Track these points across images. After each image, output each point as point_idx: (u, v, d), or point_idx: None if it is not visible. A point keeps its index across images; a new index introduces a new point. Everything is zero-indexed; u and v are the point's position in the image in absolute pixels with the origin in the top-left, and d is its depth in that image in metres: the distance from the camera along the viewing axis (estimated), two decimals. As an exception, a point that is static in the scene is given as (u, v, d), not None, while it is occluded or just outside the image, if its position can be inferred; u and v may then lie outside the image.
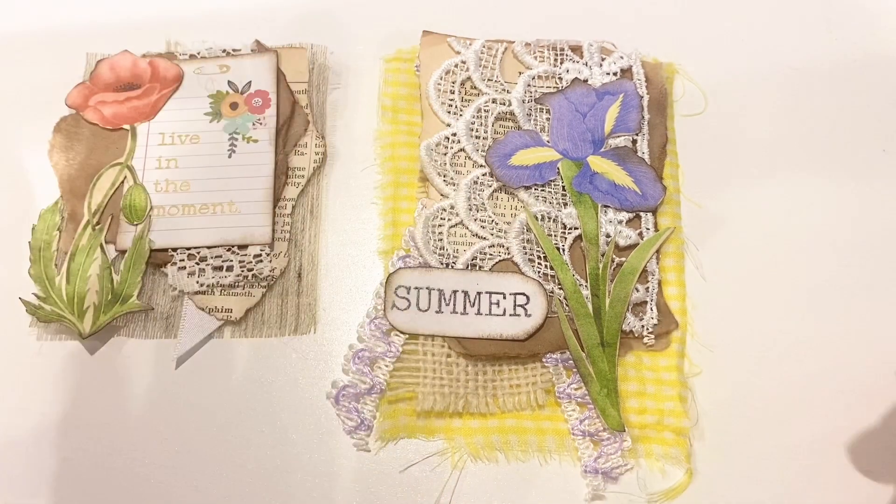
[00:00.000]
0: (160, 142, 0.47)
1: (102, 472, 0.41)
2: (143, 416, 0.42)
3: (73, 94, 0.49)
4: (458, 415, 0.42)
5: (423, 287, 0.43)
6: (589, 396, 0.42)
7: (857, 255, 0.46)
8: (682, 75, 0.51)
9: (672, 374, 0.43)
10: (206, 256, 0.45)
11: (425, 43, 0.49)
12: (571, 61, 0.49)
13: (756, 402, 0.43)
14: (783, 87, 0.51)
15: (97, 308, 0.43)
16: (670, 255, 0.46)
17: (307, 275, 0.46)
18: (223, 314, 0.44)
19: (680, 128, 0.50)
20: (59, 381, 0.43)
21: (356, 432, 0.42)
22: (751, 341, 0.44)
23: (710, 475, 0.41)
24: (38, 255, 0.45)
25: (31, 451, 0.41)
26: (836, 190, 0.48)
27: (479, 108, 0.47)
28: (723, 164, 0.49)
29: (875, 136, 0.50)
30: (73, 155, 0.47)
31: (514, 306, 0.42)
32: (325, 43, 0.51)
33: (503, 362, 0.43)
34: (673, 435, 0.42)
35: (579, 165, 0.46)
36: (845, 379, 0.43)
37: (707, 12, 0.54)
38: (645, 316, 0.44)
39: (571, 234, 0.45)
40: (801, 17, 0.54)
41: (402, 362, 0.43)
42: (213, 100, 0.48)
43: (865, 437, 0.42)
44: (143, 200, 0.46)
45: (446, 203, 0.45)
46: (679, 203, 0.48)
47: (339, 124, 0.50)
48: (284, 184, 0.47)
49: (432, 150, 0.46)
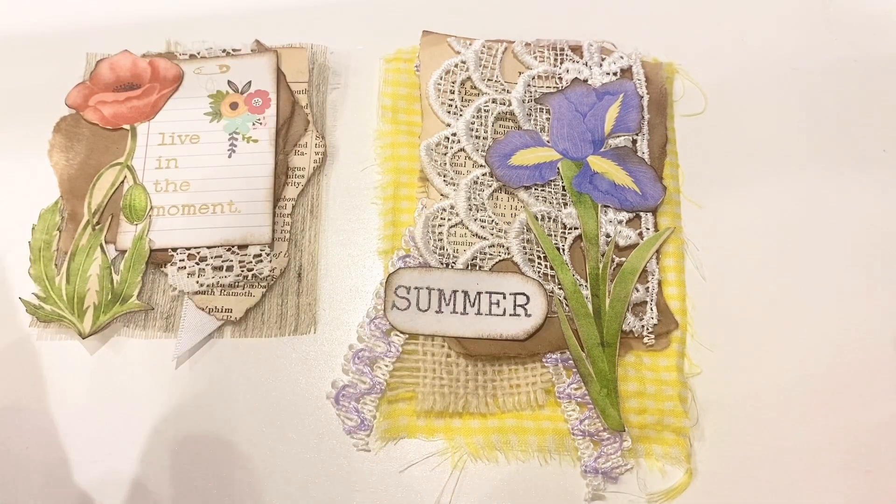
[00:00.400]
0: (160, 142, 0.47)
1: (102, 472, 0.41)
2: (143, 416, 0.42)
3: (73, 94, 0.49)
4: (458, 415, 0.42)
5: (422, 287, 0.43)
6: (589, 396, 0.41)
7: (858, 255, 0.46)
8: (682, 75, 0.51)
9: (672, 374, 0.43)
10: (206, 256, 0.45)
11: (425, 43, 0.49)
12: (571, 61, 0.49)
13: (756, 402, 0.43)
14: (783, 87, 0.51)
15: (97, 308, 0.43)
16: (670, 255, 0.46)
17: (307, 275, 0.46)
18: (223, 314, 0.44)
19: (680, 128, 0.50)
20: (60, 381, 0.43)
21: (356, 432, 0.42)
22: (751, 341, 0.44)
23: (710, 475, 0.41)
24: (38, 255, 0.45)
25: (31, 451, 0.41)
26: (836, 190, 0.48)
27: (479, 108, 0.47)
28: (723, 164, 0.49)
29: (875, 136, 0.50)
30: (73, 155, 0.47)
31: (514, 306, 0.42)
32: (325, 43, 0.51)
33: (503, 362, 0.43)
34: (673, 435, 0.42)
35: (579, 165, 0.46)
36: (845, 379, 0.43)
37: (707, 12, 0.54)
38: (645, 316, 0.44)
39: (571, 234, 0.45)
40: (801, 17, 0.54)
41: (402, 362, 0.43)
42: (213, 100, 0.48)
43: (865, 437, 0.42)
44: (143, 200, 0.46)
45: (446, 203, 0.45)
46: (679, 203, 0.48)
47: (339, 124, 0.50)
48: (284, 184, 0.47)
49: (432, 150, 0.46)
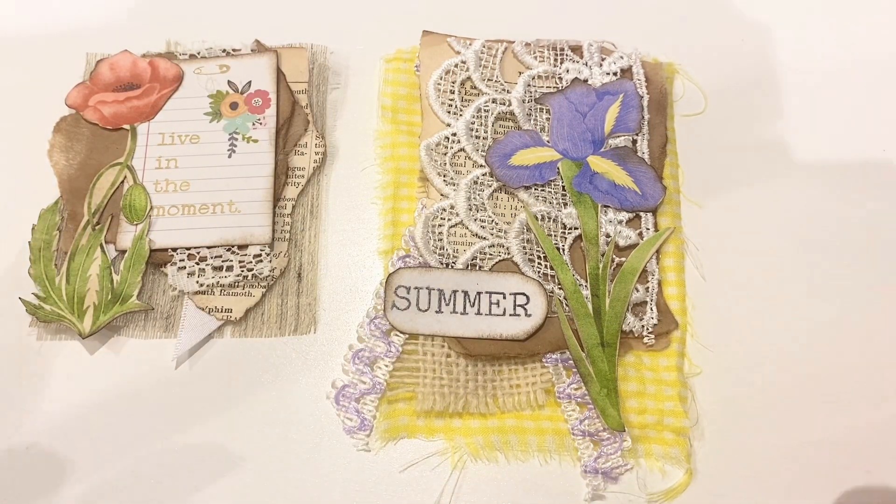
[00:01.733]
0: (160, 142, 0.47)
1: (103, 473, 0.41)
2: (144, 416, 0.42)
3: (73, 94, 0.49)
4: (458, 415, 0.42)
5: (422, 287, 0.43)
6: (589, 396, 0.41)
7: (858, 255, 0.46)
8: (682, 75, 0.51)
9: (672, 374, 0.43)
10: (206, 256, 0.45)
11: (425, 43, 0.49)
12: (571, 61, 0.49)
13: (756, 402, 0.43)
14: (783, 87, 0.51)
15: (97, 308, 0.43)
16: (670, 255, 0.46)
17: (307, 275, 0.46)
18: (223, 314, 0.44)
19: (680, 128, 0.50)
20: (59, 381, 0.43)
21: (356, 432, 0.42)
22: (751, 341, 0.44)
23: (710, 475, 0.41)
24: (38, 255, 0.45)
25: (31, 452, 0.41)
26: (836, 190, 0.48)
27: (479, 108, 0.47)
28: (723, 164, 0.49)
29: (875, 136, 0.50)
30: (73, 155, 0.47)
31: (514, 306, 0.42)
32: (325, 43, 0.51)
33: (503, 362, 0.43)
34: (673, 435, 0.42)
35: (579, 165, 0.46)
36: (845, 379, 0.43)
37: (707, 12, 0.54)
38: (645, 316, 0.44)
39: (571, 234, 0.45)
40: (801, 18, 0.54)
41: (402, 362, 0.43)
42: (212, 100, 0.48)
43: (865, 437, 0.42)
44: (143, 200, 0.46)
45: (446, 203, 0.45)
46: (679, 203, 0.48)
47: (339, 124, 0.50)
48: (284, 184, 0.47)
49: (432, 150, 0.46)
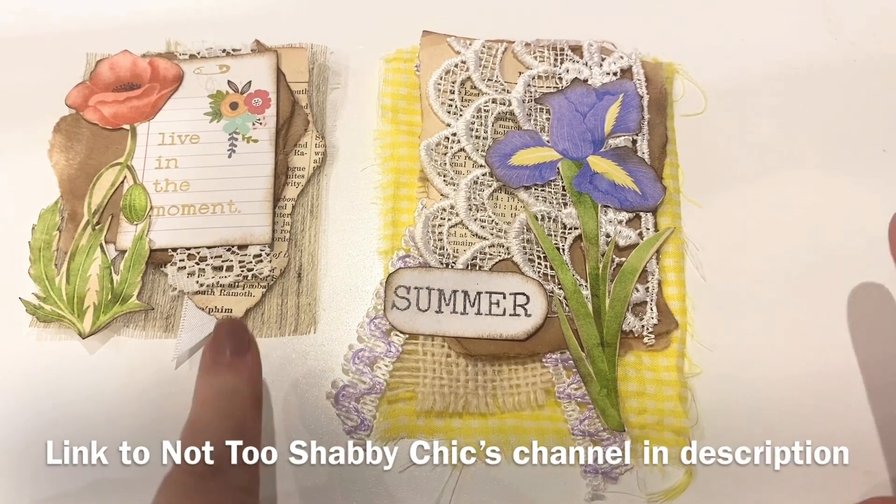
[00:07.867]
0: (160, 142, 0.47)
1: (102, 473, 0.41)
2: (144, 416, 0.42)
3: (73, 94, 0.49)
4: (458, 415, 0.42)
5: (422, 287, 0.43)
6: (589, 396, 0.41)
7: (858, 255, 0.46)
8: (682, 75, 0.51)
9: (672, 374, 0.43)
10: (206, 256, 0.45)
11: (425, 43, 0.49)
12: (571, 61, 0.49)
13: (756, 402, 0.43)
14: (783, 87, 0.51)
15: (97, 308, 0.43)
16: (670, 255, 0.46)
17: (307, 275, 0.46)
18: (223, 314, 0.44)
19: (680, 128, 0.50)
20: (59, 381, 0.43)
21: (356, 432, 0.42)
22: (751, 341, 0.44)
23: (710, 475, 0.41)
24: (38, 255, 0.45)
25: (31, 452, 0.41)
26: (836, 190, 0.48)
27: (479, 108, 0.47)
28: (723, 164, 0.49)
29: (875, 136, 0.50)
30: (73, 155, 0.47)
31: (514, 306, 0.42)
32: (325, 43, 0.51)
33: (503, 362, 0.43)
34: (673, 435, 0.42)
35: (579, 165, 0.46)
36: (846, 379, 0.43)
37: (707, 12, 0.54)
38: (645, 316, 0.44)
39: (571, 234, 0.45)
40: (801, 18, 0.54)
41: (402, 362, 0.43)
42: (212, 100, 0.48)
43: (866, 437, 0.42)
44: (143, 200, 0.46)
45: (446, 203, 0.45)
46: (679, 203, 0.48)
47: (339, 124, 0.50)
48: (284, 184, 0.47)
49: (432, 150, 0.46)
